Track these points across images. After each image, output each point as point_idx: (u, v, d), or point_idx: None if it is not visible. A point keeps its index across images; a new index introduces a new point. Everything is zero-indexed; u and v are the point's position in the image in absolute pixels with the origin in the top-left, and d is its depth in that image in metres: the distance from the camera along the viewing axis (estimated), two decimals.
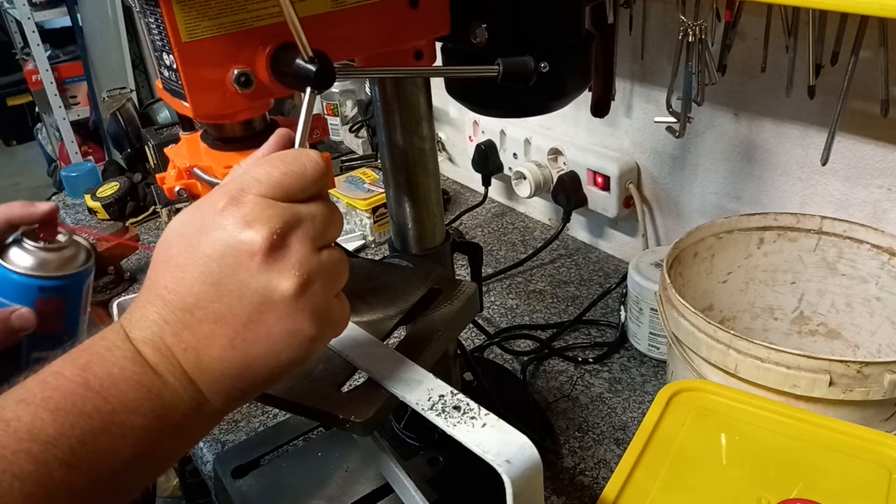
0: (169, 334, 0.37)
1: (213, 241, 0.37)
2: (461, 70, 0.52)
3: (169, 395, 0.37)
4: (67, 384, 0.35)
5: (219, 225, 0.37)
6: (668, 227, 1.07)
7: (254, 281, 0.37)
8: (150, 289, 0.38)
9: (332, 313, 0.40)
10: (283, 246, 0.37)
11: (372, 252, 1.22)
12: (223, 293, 0.37)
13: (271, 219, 0.37)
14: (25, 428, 0.33)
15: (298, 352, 0.39)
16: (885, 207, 0.80)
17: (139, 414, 0.36)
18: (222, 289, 0.37)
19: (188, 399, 0.38)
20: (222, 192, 0.38)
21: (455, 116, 1.40)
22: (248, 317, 0.37)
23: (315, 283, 0.38)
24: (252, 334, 0.38)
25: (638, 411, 0.84)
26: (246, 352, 0.38)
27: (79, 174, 1.52)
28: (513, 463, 0.42)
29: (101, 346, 0.37)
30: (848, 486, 0.54)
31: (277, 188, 0.38)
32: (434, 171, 0.66)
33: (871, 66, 0.72)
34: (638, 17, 0.94)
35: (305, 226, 0.38)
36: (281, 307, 0.37)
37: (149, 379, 0.37)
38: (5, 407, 0.34)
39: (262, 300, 0.37)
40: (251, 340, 0.38)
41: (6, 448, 0.32)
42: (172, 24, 0.43)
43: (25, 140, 4.28)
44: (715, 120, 0.93)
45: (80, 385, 0.35)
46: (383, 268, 0.69)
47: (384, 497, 0.65)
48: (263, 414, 0.87)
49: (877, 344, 0.80)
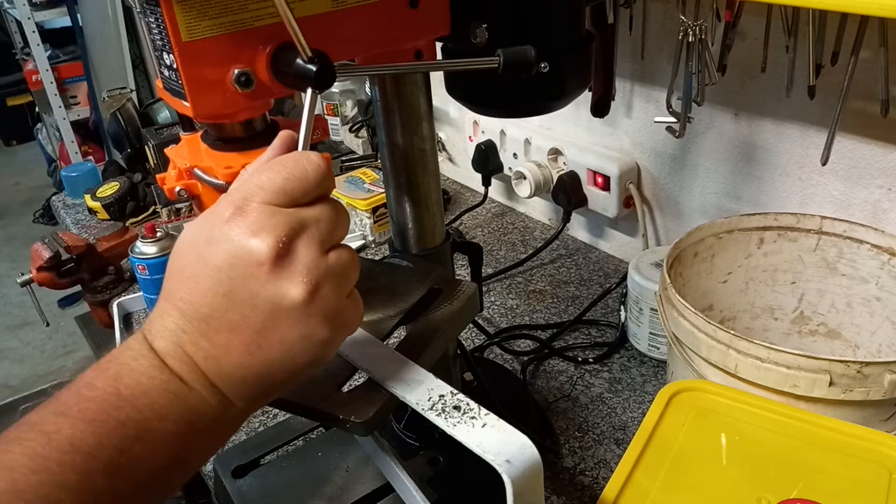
0: (188, 343, 0.38)
1: (221, 252, 0.38)
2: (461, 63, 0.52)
3: (196, 400, 0.38)
4: (100, 395, 0.36)
5: (225, 236, 0.38)
6: (668, 227, 1.07)
7: (264, 290, 0.38)
8: (167, 298, 0.39)
9: (344, 314, 0.41)
10: (289, 253, 0.38)
11: (372, 252, 1.22)
12: (236, 303, 0.38)
13: (277, 227, 0.38)
14: (66, 440, 0.34)
15: (313, 355, 0.40)
16: (885, 207, 0.80)
17: (170, 420, 0.37)
18: (234, 299, 0.38)
19: (214, 403, 0.39)
20: (227, 202, 0.39)
21: (455, 116, 1.40)
22: (261, 325, 0.38)
23: (324, 287, 0.39)
24: (267, 341, 0.38)
25: (638, 411, 0.84)
26: (263, 357, 0.39)
27: (79, 174, 1.52)
28: (513, 463, 0.42)
29: (128, 357, 0.38)
30: (848, 486, 0.54)
31: (280, 194, 0.39)
32: (434, 171, 0.66)
33: (871, 66, 0.72)
34: (638, 17, 0.94)
35: (311, 230, 0.39)
36: (292, 314, 0.38)
37: (175, 386, 0.38)
38: (45, 420, 0.35)
39: (273, 308, 0.38)
40: (266, 347, 0.38)
41: (51, 460, 0.33)
42: (173, 24, 0.43)
43: (25, 140, 4.28)
44: (715, 120, 0.93)
45: (112, 395, 0.36)
46: (383, 268, 0.69)
47: (384, 497, 0.65)
48: (263, 414, 0.87)
49: (877, 344, 0.80)
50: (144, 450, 0.36)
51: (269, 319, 0.38)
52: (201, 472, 0.84)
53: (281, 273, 0.38)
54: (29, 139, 4.14)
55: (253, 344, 0.38)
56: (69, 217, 1.46)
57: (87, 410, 0.35)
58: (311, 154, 0.41)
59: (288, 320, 0.38)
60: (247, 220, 0.38)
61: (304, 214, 0.39)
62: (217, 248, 0.38)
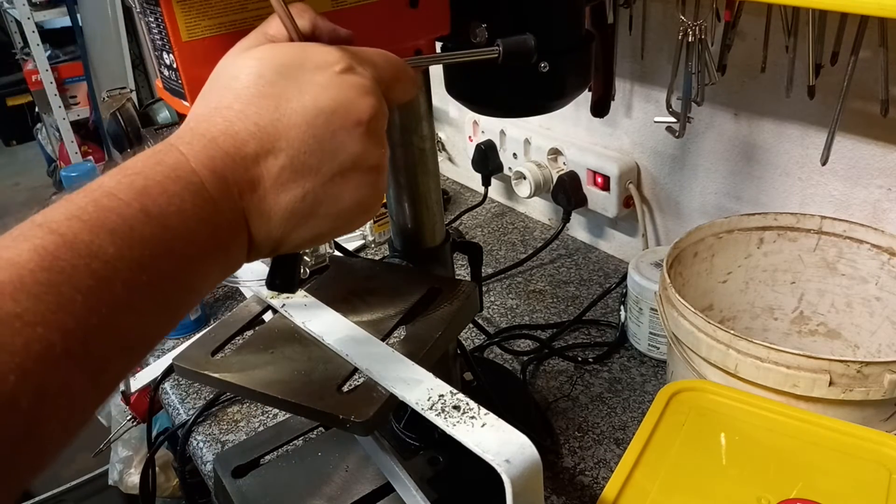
0: (242, 171, 0.37)
1: (329, 97, 0.38)
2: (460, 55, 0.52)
3: (224, 232, 0.37)
4: (123, 207, 0.33)
5: (338, 84, 0.39)
6: (668, 227, 1.07)
7: (352, 146, 0.39)
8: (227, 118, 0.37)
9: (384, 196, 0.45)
10: (378, 124, 0.41)
11: (372, 252, 1.22)
12: (318, 149, 0.38)
13: (379, 99, 0.41)
14: (83, 244, 0.31)
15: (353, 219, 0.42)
16: (885, 207, 0.80)
17: (196, 245, 0.35)
18: (322, 144, 0.38)
19: (239, 240, 0.38)
20: (339, 56, 0.40)
21: (455, 116, 1.40)
22: (331, 177, 0.39)
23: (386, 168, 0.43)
24: (325, 193, 0.39)
25: (638, 411, 0.84)
26: (312, 208, 0.39)
27: (79, 174, 1.52)
28: (512, 463, 0.42)
29: (159, 173, 0.35)
30: (848, 486, 0.54)
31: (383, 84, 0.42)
32: (434, 170, 0.66)
33: (871, 66, 0.72)
34: (638, 17, 0.94)
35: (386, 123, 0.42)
36: (363, 177, 0.40)
37: (209, 213, 0.36)
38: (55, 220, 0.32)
39: (351, 165, 0.40)
40: (321, 199, 0.39)
41: (63, 261, 0.30)
42: (172, 24, 0.43)
43: (25, 140, 4.28)
44: (715, 120, 0.93)
45: (138, 210, 0.33)
46: (383, 268, 0.69)
47: (384, 497, 0.65)
48: (263, 414, 0.87)
49: (877, 344, 0.80)
50: (165, 270, 0.34)
51: (341, 174, 0.39)
52: (201, 473, 0.84)
53: (371, 137, 0.40)
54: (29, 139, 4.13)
55: (310, 192, 0.39)
56: None
57: (108, 220, 0.32)
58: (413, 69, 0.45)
59: (356, 180, 0.40)
60: (359, 80, 0.40)
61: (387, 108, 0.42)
62: (323, 90, 0.38)
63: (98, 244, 0.31)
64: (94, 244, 0.31)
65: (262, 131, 0.37)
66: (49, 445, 0.30)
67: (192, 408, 0.89)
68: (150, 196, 0.34)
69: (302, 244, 0.41)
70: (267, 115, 0.37)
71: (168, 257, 0.34)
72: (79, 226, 0.32)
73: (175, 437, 0.89)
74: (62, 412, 0.30)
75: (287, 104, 0.38)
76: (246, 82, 0.38)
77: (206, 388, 0.92)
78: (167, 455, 1.29)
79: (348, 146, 0.39)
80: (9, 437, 0.28)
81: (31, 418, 0.29)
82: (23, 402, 0.28)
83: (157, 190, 0.34)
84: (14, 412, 0.28)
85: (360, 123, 0.39)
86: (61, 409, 0.30)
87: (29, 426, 0.29)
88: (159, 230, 0.34)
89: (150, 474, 0.97)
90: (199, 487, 0.92)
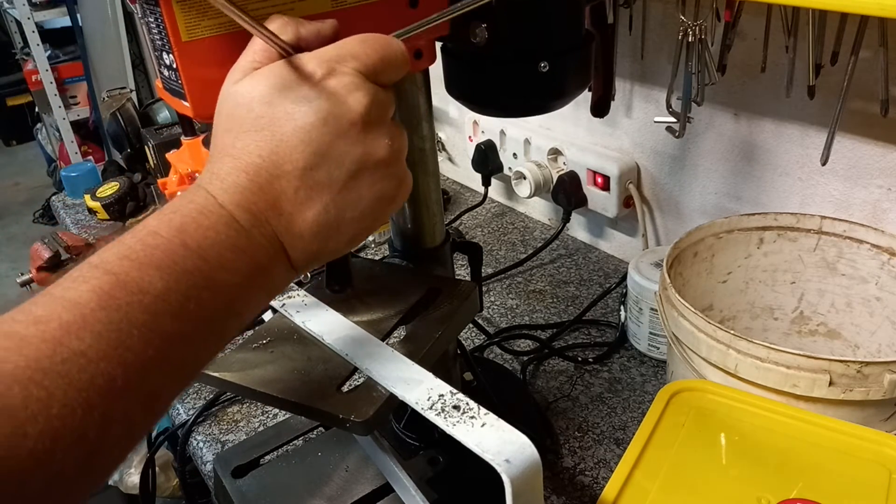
0: (263, 200, 0.39)
1: (315, 109, 0.39)
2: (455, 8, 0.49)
3: (262, 257, 0.39)
4: (166, 244, 0.36)
5: (323, 93, 0.39)
6: (668, 227, 1.07)
7: (354, 149, 0.40)
8: (234, 155, 0.39)
9: (408, 179, 0.44)
10: (376, 114, 0.40)
11: (372, 252, 1.22)
12: (323, 161, 0.39)
13: (368, 92, 0.40)
14: (134, 282, 0.34)
15: (380, 215, 0.42)
16: (885, 207, 0.80)
17: (236, 273, 0.38)
18: (325, 157, 0.39)
19: (278, 261, 0.40)
20: (317, 62, 0.40)
21: (455, 116, 1.40)
22: (343, 183, 0.40)
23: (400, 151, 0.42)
24: (344, 200, 0.40)
25: (638, 411, 0.84)
26: (337, 216, 0.40)
27: (79, 174, 1.53)
28: (512, 462, 0.42)
29: (192, 210, 0.37)
30: (848, 486, 0.54)
31: (369, 71, 0.41)
32: (434, 171, 0.66)
33: (871, 66, 0.72)
34: (638, 17, 0.94)
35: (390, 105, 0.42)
36: (376, 173, 0.41)
37: (244, 242, 0.38)
38: (109, 261, 0.35)
39: (359, 167, 0.40)
40: (343, 206, 0.40)
41: (119, 299, 0.33)
42: (172, 24, 0.43)
43: (25, 140, 4.28)
44: (715, 120, 0.93)
45: (179, 245, 0.36)
46: (383, 268, 0.69)
47: (384, 497, 0.65)
48: (263, 414, 0.87)
49: (877, 344, 0.80)
50: (209, 299, 0.36)
51: (352, 178, 0.40)
52: (201, 473, 0.84)
53: (369, 133, 0.40)
54: (29, 139, 4.14)
55: (331, 203, 0.40)
56: (69, 217, 1.46)
57: (154, 257, 0.35)
58: (399, 44, 0.43)
59: (369, 178, 0.40)
60: (342, 80, 0.39)
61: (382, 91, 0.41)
62: (308, 105, 0.39)
63: (147, 280, 0.34)
64: (143, 280, 0.34)
65: (267, 161, 0.39)
66: (110, 469, 0.34)
67: (191, 408, 0.89)
68: (187, 232, 0.37)
69: (342, 249, 0.42)
70: (266, 145, 0.39)
71: (210, 286, 0.36)
72: (129, 264, 0.34)
73: (175, 436, 0.89)
74: (123, 440, 0.34)
75: (281, 129, 0.39)
76: (240, 120, 0.40)
77: (205, 388, 0.92)
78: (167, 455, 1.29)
79: (349, 150, 0.39)
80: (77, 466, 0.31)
81: (97, 448, 0.32)
82: (90, 434, 0.31)
83: (193, 226, 0.37)
84: (82, 443, 0.31)
85: (354, 124, 0.39)
86: (122, 438, 0.33)
87: (93, 455, 0.32)
88: (199, 262, 0.36)
89: (150, 474, 0.97)
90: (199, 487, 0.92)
